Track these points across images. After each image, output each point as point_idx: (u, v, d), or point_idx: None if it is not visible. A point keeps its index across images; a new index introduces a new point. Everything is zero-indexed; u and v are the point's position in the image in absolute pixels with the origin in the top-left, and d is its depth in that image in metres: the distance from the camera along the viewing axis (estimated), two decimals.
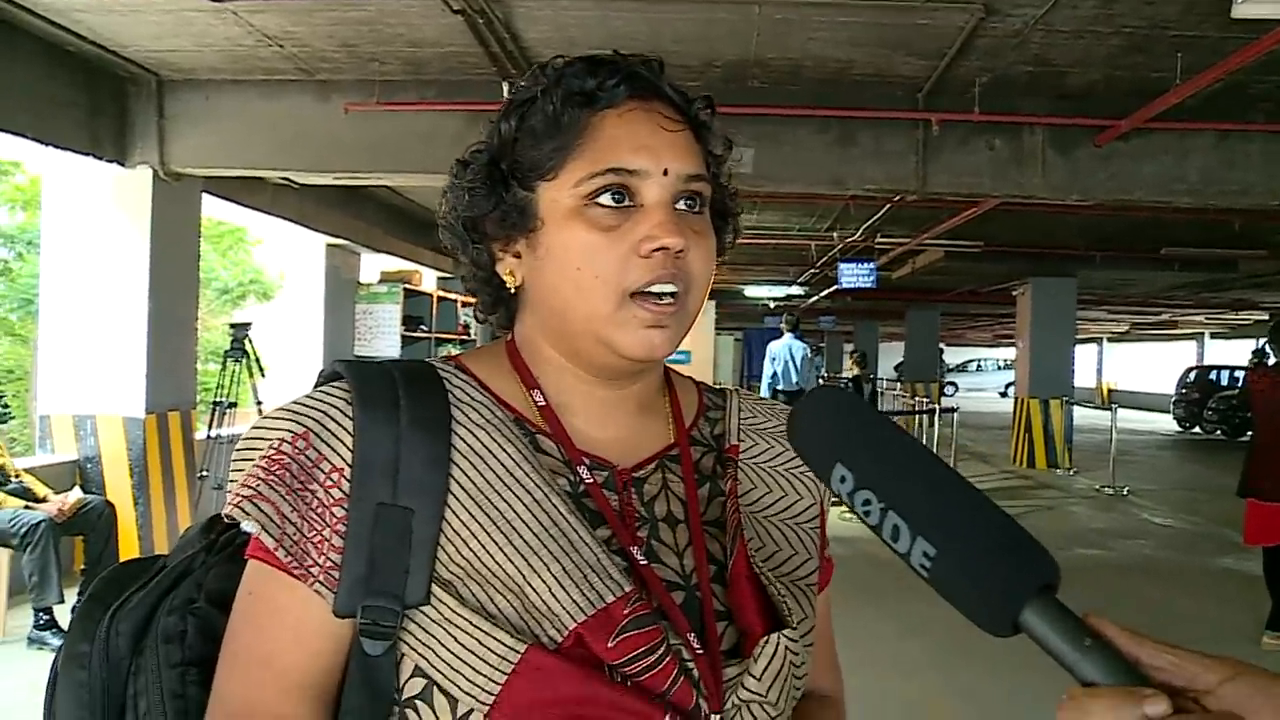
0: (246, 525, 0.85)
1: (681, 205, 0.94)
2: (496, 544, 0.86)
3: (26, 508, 5.72)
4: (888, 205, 10.56)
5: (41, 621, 5.49)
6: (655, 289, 0.90)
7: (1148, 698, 0.54)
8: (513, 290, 0.99)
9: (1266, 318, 23.89)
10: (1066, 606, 0.60)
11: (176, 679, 0.90)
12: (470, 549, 0.86)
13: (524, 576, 0.84)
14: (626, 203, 0.91)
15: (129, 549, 6.85)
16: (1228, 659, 0.59)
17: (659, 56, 0.99)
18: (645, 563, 0.91)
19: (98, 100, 6.78)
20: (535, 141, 0.94)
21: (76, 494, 6.11)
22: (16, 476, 6.00)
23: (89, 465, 7.17)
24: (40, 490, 5.98)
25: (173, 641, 0.92)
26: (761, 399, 1.15)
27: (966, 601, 0.63)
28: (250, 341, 8.32)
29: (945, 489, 0.67)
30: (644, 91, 0.95)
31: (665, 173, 0.92)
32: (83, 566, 6.15)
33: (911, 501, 0.66)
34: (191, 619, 0.93)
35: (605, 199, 0.91)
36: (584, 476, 0.94)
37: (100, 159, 6.86)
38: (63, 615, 5.56)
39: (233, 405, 8.17)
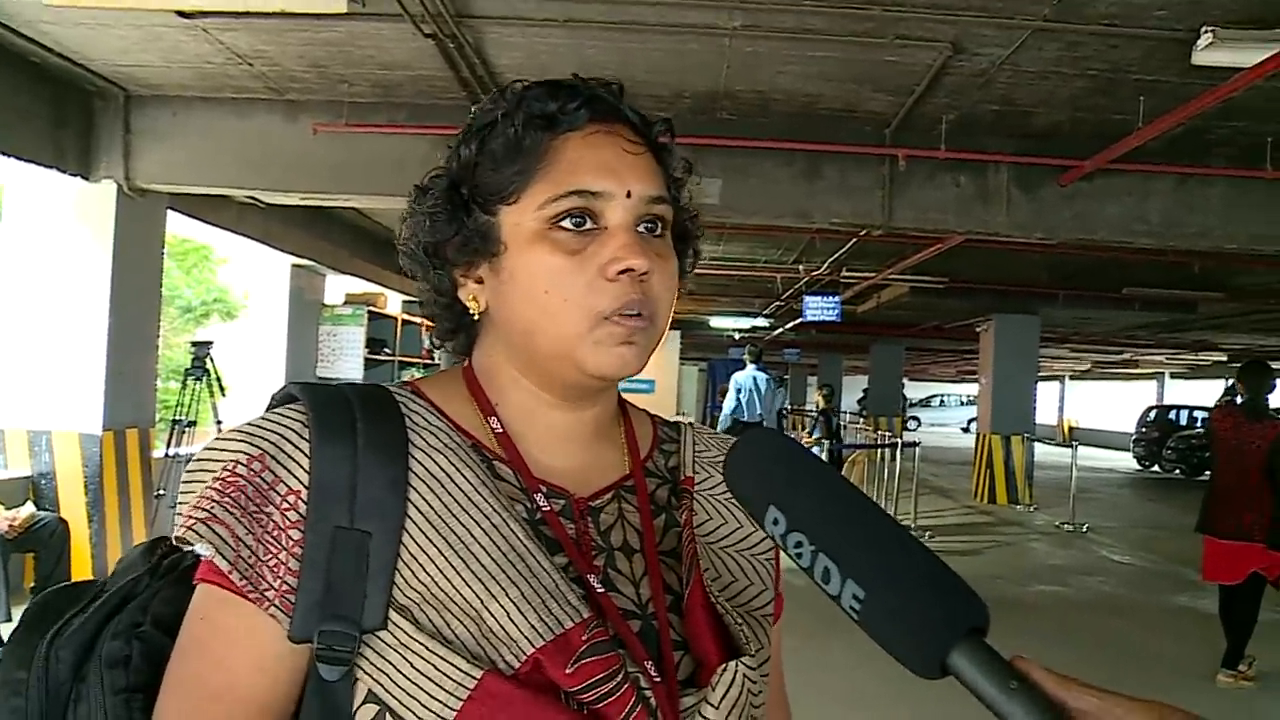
0: (200, 548, 0.83)
1: (643, 229, 0.93)
2: (454, 568, 0.84)
3: None
4: (853, 239, 10.64)
5: None
6: (624, 313, 0.90)
7: None
8: (475, 316, 0.99)
9: (1225, 359, 24.26)
10: (994, 650, 0.61)
11: (121, 705, 0.87)
12: (428, 573, 0.84)
13: (481, 601, 0.83)
14: (589, 225, 0.91)
15: (81, 567, 6.74)
16: (1153, 703, 0.59)
17: (620, 81, 0.99)
18: (602, 590, 0.90)
19: (63, 113, 6.72)
20: (496, 165, 0.94)
21: (28, 509, 6.02)
22: None
23: (43, 481, 7.05)
24: None
25: (117, 667, 0.89)
26: (714, 433, 1.15)
27: (895, 644, 0.63)
28: (212, 360, 8.26)
29: (877, 533, 0.67)
30: (605, 115, 0.95)
31: (628, 195, 0.92)
32: (32, 584, 6.04)
33: (842, 544, 0.67)
34: (137, 644, 0.90)
35: (568, 222, 0.90)
36: (541, 504, 0.93)
37: (64, 172, 6.79)
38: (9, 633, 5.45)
39: (192, 424, 8.10)
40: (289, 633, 0.81)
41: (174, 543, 0.87)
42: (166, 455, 7.94)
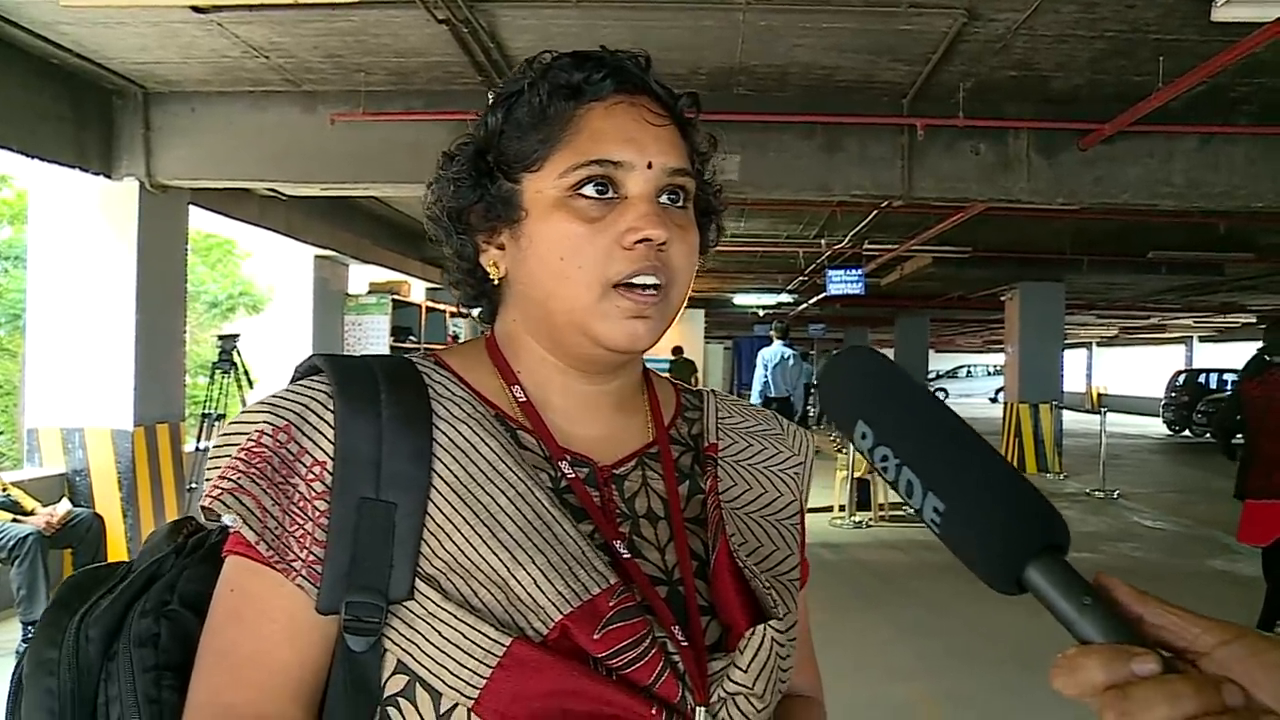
0: (226, 518, 0.84)
1: (665, 199, 0.94)
2: (480, 537, 0.85)
3: (14, 521, 5.69)
4: (875, 211, 10.59)
5: (29, 635, 5.45)
6: (638, 280, 0.90)
7: (1137, 655, 0.54)
8: (496, 282, 0.99)
9: (1255, 320, 24.00)
10: (1071, 566, 0.60)
11: (151, 684, 0.88)
12: (454, 543, 0.85)
13: (508, 569, 0.84)
14: (610, 194, 0.92)
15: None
16: (1231, 624, 0.58)
17: (646, 52, 1.01)
18: (629, 556, 0.91)
19: (84, 113, 6.78)
20: (521, 133, 0.95)
21: (65, 506, 6.08)
22: (4, 490, 5.97)
23: (77, 478, 7.15)
24: (28, 503, 5.96)
25: (146, 645, 0.90)
26: (737, 400, 1.16)
27: (972, 557, 0.63)
28: (239, 353, 8.32)
29: (960, 448, 0.67)
30: (630, 86, 0.97)
31: (649, 165, 0.92)
32: None
33: (925, 458, 0.67)
34: (165, 622, 0.92)
35: (589, 190, 0.91)
36: (566, 471, 0.94)
37: (86, 171, 6.86)
38: None
39: (221, 417, 8.15)
40: (316, 604, 0.82)
41: (201, 512, 0.88)
42: (197, 449, 8.01)
